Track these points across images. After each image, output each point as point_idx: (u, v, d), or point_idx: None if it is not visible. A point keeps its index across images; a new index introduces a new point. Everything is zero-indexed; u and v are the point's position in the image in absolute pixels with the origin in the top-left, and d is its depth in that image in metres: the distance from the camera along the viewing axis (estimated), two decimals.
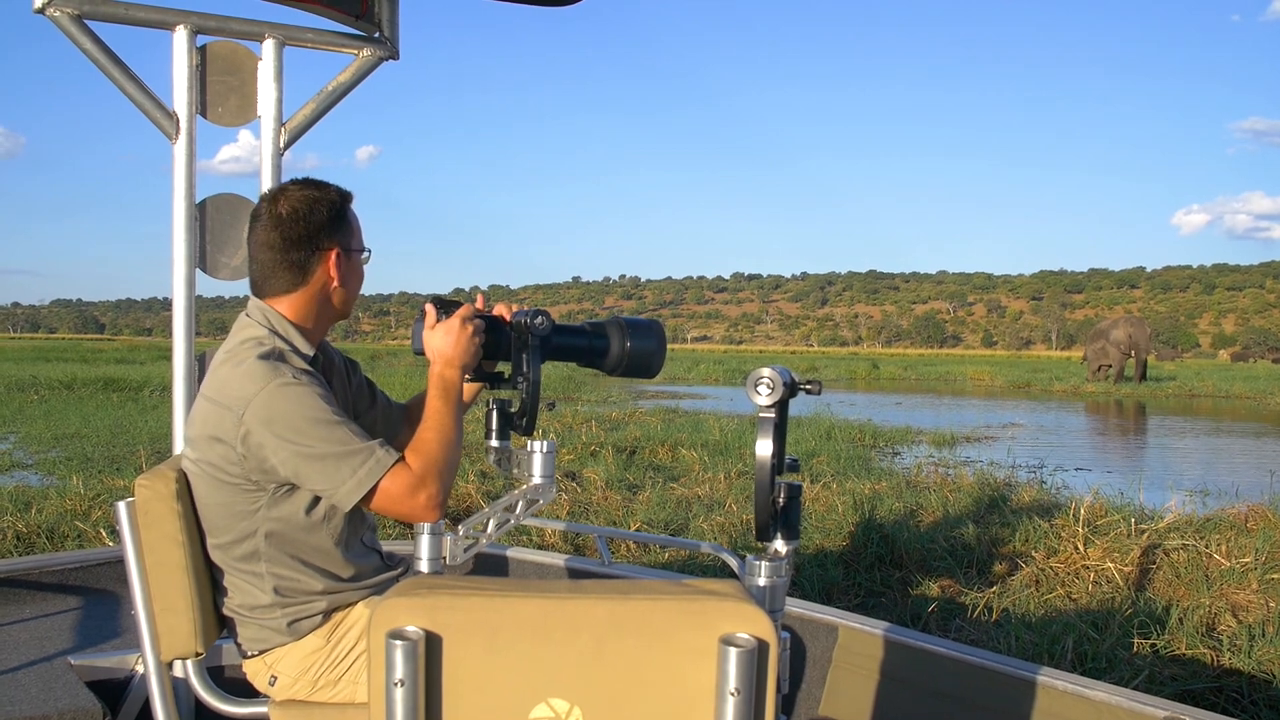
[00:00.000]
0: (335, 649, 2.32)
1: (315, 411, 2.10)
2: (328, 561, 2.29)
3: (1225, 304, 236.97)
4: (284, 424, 2.08)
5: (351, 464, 2.07)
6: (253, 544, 2.24)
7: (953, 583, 6.07)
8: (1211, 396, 34.04)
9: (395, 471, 2.08)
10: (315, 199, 2.28)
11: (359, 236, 2.36)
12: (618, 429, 14.75)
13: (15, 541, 6.68)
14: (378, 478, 2.07)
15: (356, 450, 2.08)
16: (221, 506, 2.23)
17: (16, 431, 14.67)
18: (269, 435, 2.09)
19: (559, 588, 1.52)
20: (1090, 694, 2.82)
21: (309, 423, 2.08)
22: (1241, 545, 6.41)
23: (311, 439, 2.08)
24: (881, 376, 47.86)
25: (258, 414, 2.09)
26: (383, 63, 3.83)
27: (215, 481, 2.21)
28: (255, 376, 2.12)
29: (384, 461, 2.08)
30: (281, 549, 2.24)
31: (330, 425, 2.09)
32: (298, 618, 2.30)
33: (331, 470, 2.07)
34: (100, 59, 3.42)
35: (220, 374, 2.21)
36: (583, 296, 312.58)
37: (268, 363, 2.14)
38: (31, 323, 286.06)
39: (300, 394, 2.11)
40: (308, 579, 2.28)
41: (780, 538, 1.89)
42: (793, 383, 1.89)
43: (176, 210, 3.52)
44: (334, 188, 2.32)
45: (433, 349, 2.23)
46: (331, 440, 2.08)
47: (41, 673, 3.11)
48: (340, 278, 2.32)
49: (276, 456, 2.09)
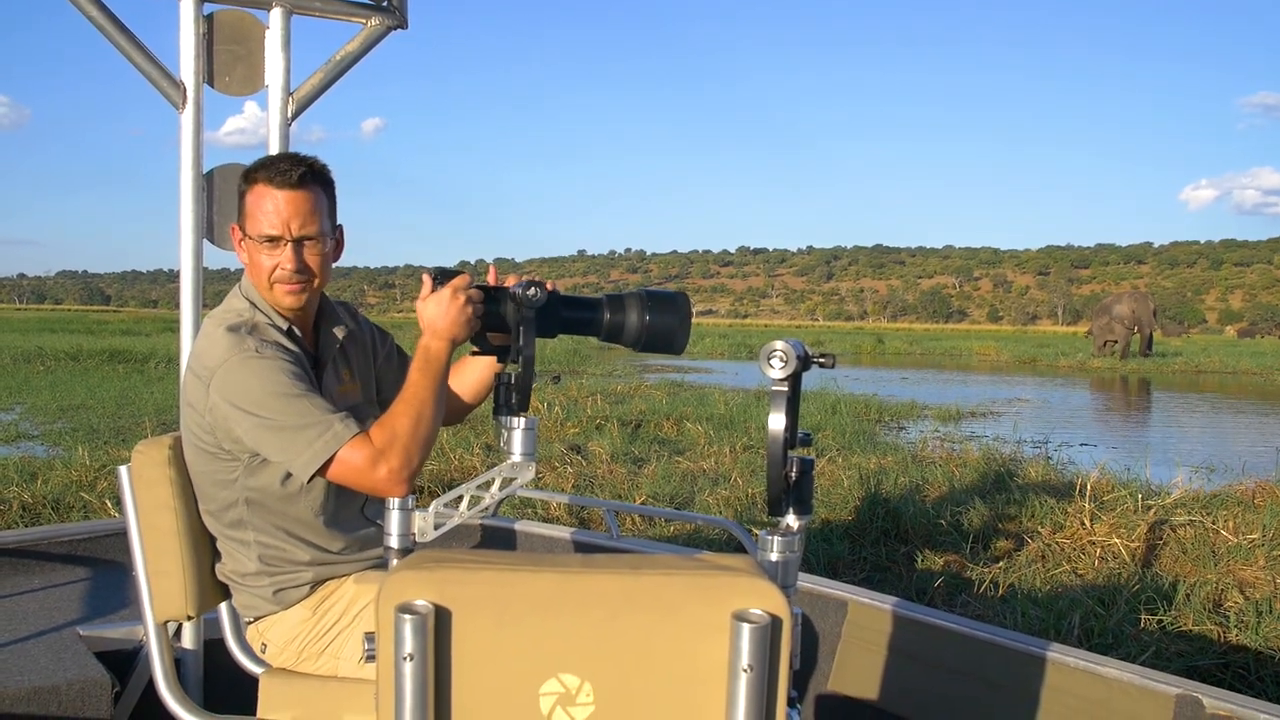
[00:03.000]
0: (321, 621, 2.33)
1: (276, 385, 2.11)
2: (311, 533, 2.31)
3: (1232, 280, 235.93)
4: (245, 396, 2.11)
5: (308, 436, 2.07)
6: (237, 512, 2.29)
7: (958, 558, 6.06)
8: (1218, 372, 33.96)
9: (353, 444, 2.07)
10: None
11: (255, 220, 2.26)
12: (623, 402, 14.75)
13: (21, 512, 6.70)
14: (333, 450, 2.06)
15: (314, 423, 2.08)
16: (205, 474, 2.28)
17: (22, 402, 14.70)
18: (231, 407, 2.12)
19: (570, 562, 1.51)
20: (1101, 670, 2.81)
21: (269, 395, 2.10)
22: (1249, 521, 6.39)
23: (271, 411, 2.09)
24: (887, 351, 47.78)
25: (221, 385, 2.13)
26: (391, 32, 3.79)
27: (196, 449, 2.26)
28: (221, 347, 2.16)
29: (341, 435, 2.07)
30: (264, 518, 2.28)
31: (290, 398, 2.10)
32: (283, 587, 2.33)
33: (289, 442, 2.08)
34: (107, 27, 3.38)
35: (197, 344, 2.26)
36: (588, 270, 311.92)
37: (234, 334, 2.17)
38: (37, 294, 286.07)
39: (262, 366, 2.12)
40: (293, 549, 2.31)
41: (792, 512, 1.87)
42: (806, 356, 1.87)
43: (184, 181, 3.49)
44: (251, 166, 2.29)
45: (423, 319, 2.18)
46: (290, 412, 2.09)
47: (50, 643, 3.12)
48: (242, 255, 2.32)
49: (240, 428, 2.13)
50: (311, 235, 2.27)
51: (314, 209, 2.27)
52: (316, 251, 2.29)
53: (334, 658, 2.32)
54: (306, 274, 2.28)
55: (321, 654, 2.32)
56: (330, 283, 2.43)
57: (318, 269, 2.30)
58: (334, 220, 2.36)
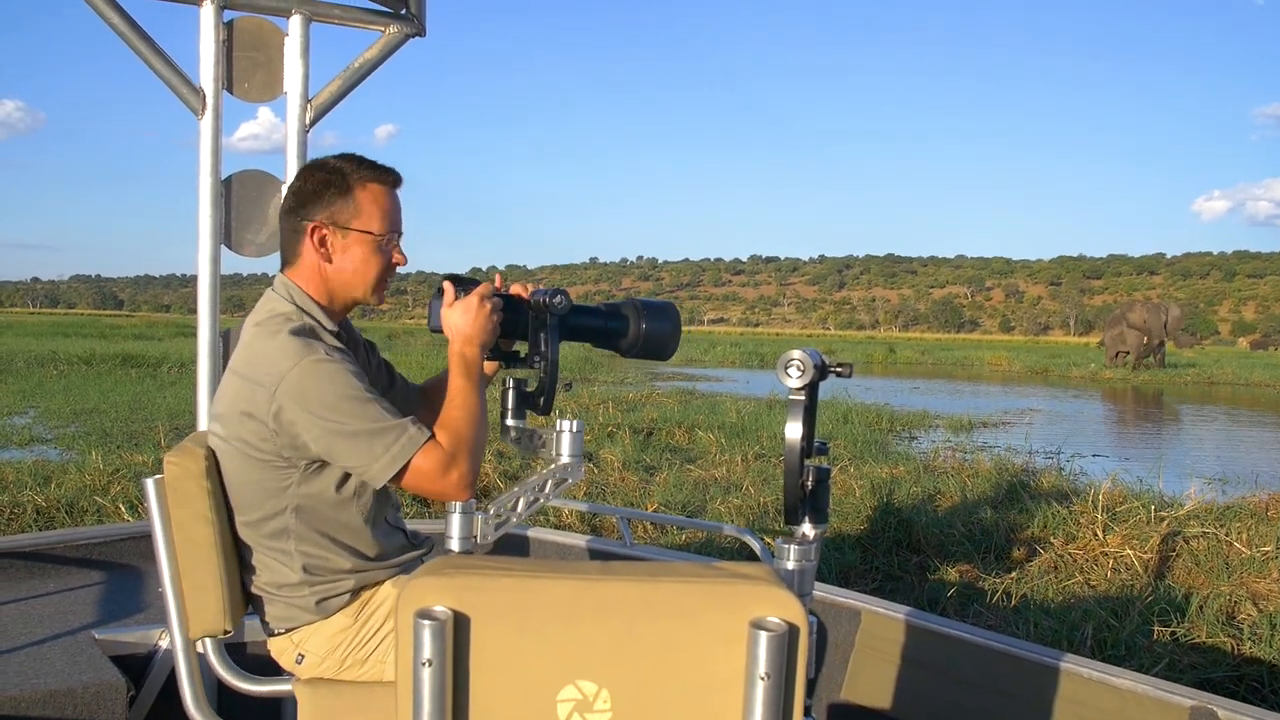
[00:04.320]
0: (363, 628, 2.30)
1: (348, 388, 2.08)
2: (356, 539, 2.28)
3: (1245, 291, 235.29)
4: (317, 401, 2.07)
5: (384, 441, 2.06)
6: (282, 521, 2.23)
7: (971, 568, 6.05)
8: (1231, 384, 33.85)
9: (428, 449, 2.07)
10: (310, 169, 2.27)
11: (367, 216, 2.25)
12: (634, 410, 14.75)
13: (35, 516, 6.73)
14: (410, 454, 2.06)
15: (390, 427, 2.07)
16: (252, 484, 2.22)
17: (36, 406, 14.75)
18: (301, 412, 2.08)
19: (588, 569, 1.51)
20: (1115, 681, 2.81)
21: (342, 399, 2.07)
22: (1262, 534, 6.38)
23: (345, 416, 2.06)
24: (898, 361, 47.74)
25: (290, 390, 2.08)
26: (409, 39, 3.81)
27: (246, 458, 2.19)
28: (289, 353, 2.11)
29: (416, 439, 2.07)
30: (311, 526, 2.23)
31: (363, 402, 2.08)
32: (326, 596, 2.29)
33: (364, 447, 2.06)
34: (127, 34, 3.41)
35: (252, 349, 2.19)
36: (600, 277, 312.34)
37: (300, 339, 2.13)
38: (51, 298, 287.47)
39: (333, 371, 2.09)
40: (336, 557, 2.27)
41: (809, 521, 1.88)
42: (823, 365, 1.87)
43: (202, 186, 3.51)
44: (338, 160, 2.26)
45: (451, 327, 2.19)
46: (364, 417, 2.07)
47: (66, 646, 3.13)
48: (325, 254, 2.26)
49: (309, 433, 2.08)
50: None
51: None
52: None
53: (379, 662, 2.29)
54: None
55: (366, 660, 2.30)
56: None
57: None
58: None
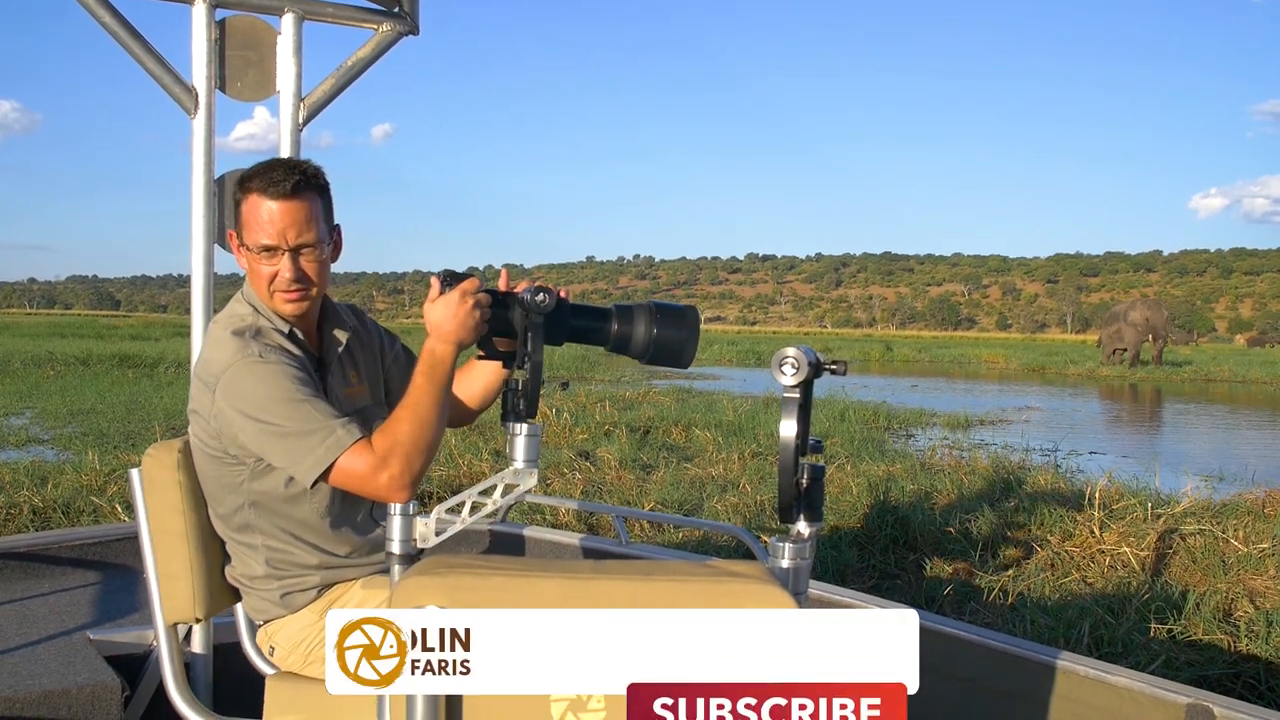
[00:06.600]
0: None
1: (280, 390, 2.11)
2: (317, 536, 2.32)
3: (1242, 288, 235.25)
4: (249, 401, 2.12)
5: (310, 442, 2.08)
6: (244, 516, 2.30)
7: (967, 566, 6.05)
8: (1228, 381, 33.85)
9: (355, 450, 2.07)
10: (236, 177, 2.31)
11: (248, 227, 2.24)
12: (631, 409, 14.75)
13: (31, 516, 6.71)
14: (334, 456, 2.07)
15: (318, 428, 2.08)
16: (212, 479, 2.30)
17: (32, 407, 14.72)
18: (235, 412, 2.13)
19: (580, 568, 1.51)
20: (1111, 679, 2.81)
21: (272, 400, 2.11)
22: (1259, 531, 6.38)
23: (274, 416, 2.10)
24: (895, 359, 47.70)
25: (225, 390, 2.14)
26: (402, 38, 3.79)
27: (203, 454, 2.27)
28: (226, 352, 2.17)
29: (343, 440, 2.08)
30: (270, 521, 2.29)
31: (293, 403, 2.10)
32: (290, 590, 2.33)
33: (292, 448, 2.09)
34: (119, 32, 3.40)
35: (204, 349, 2.27)
36: (597, 276, 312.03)
37: (239, 338, 2.18)
38: (47, 298, 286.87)
39: (266, 371, 2.13)
40: (300, 552, 2.32)
41: (803, 519, 1.87)
42: (818, 363, 1.87)
43: (195, 186, 3.50)
44: (249, 169, 2.26)
45: (429, 321, 2.15)
46: (294, 418, 2.09)
47: (61, 647, 3.12)
48: (242, 263, 2.30)
49: (244, 433, 2.14)
50: (308, 243, 2.25)
51: (309, 217, 2.24)
52: (314, 259, 2.27)
53: None
54: (305, 282, 2.27)
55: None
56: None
57: (316, 276, 2.28)
58: (330, 223, 2.33)
